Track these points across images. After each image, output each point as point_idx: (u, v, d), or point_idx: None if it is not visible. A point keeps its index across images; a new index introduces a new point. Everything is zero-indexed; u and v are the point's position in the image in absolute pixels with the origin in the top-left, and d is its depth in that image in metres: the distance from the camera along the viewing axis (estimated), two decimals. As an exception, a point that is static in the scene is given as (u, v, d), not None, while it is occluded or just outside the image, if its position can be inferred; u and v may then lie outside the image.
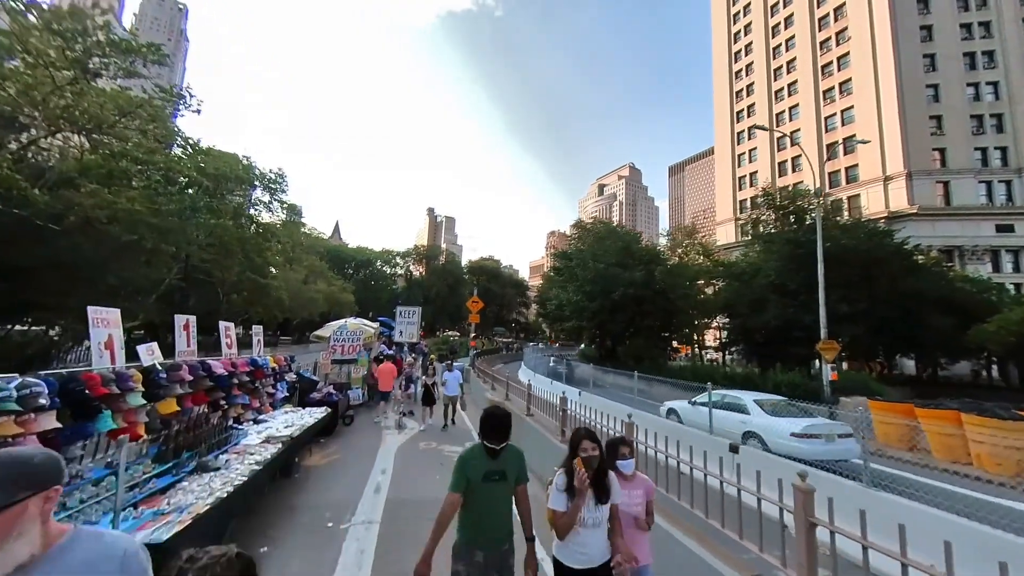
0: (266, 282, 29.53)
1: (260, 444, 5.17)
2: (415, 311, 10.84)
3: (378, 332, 16.18)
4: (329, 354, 12.42)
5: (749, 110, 60.29)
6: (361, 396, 12.65)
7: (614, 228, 28.94)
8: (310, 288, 46.85)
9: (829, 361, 13.47)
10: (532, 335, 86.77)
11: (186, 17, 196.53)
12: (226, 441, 4.96)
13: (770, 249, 20.88)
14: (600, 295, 20.80)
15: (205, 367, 5.10)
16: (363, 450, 8.32)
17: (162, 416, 4.21)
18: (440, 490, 2.85)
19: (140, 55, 12.56)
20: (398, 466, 7.34)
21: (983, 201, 41.75)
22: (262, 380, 7.07)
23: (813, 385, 14.34)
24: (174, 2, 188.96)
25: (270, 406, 7.48)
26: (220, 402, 5.46)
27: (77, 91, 11.41)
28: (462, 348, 42.85)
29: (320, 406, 8.61)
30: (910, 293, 18.53)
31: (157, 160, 16.25)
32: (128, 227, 11.78)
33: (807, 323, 18.82)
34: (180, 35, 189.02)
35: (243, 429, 5.72)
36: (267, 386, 7.37)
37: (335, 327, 13.09)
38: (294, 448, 5.95)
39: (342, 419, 10.62)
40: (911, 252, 19.94)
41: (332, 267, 59.04)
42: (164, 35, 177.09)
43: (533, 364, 22.74)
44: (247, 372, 6.40)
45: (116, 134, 14.22)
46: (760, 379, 15.84)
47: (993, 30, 42.58)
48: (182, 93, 14.57)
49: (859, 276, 18.19)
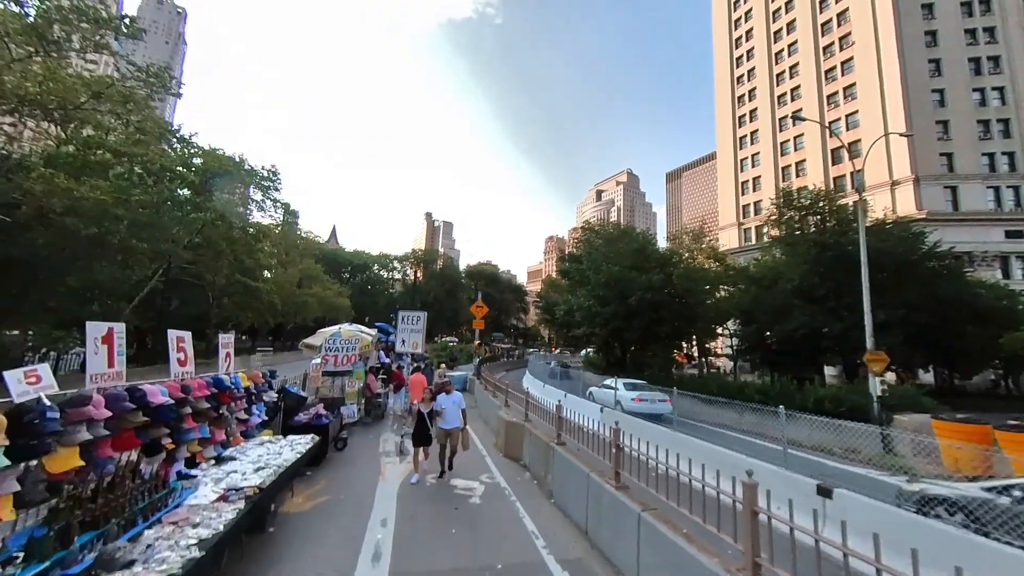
0: (257, 285, 27.85)
1: (214, 502, 3.68)
2: (419, 316, 9.13)
3: (376, 339, 14.66)
4: (320, 365, 10.88)
5: (751, 115, 60.07)
6: (355, 413, 11.10)
7: (627, 229, 27.63)
8: (304, 292, 45.20)
9: (878, 374, 12.14)
10: (531, 341, 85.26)
11: (185, 21, 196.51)
12: (163, 503, 3.47)
13: (793, 252, 19.68)
14: (615, 299, 19.41)
15: (136, 395, 3.63)
16: (358, 487, 6.80)
17: (51, 477, 2.75)
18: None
19: (111, 28, 11.17)
20: (402, 513, 5.83)
21: (991, 207, 41.34)
22: (230, 404, 5.57)
23: (856, 399, 12.98)
24: (173, 5, 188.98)
25: (241, 436, 5.96)
26: (162, 442, 3.97)
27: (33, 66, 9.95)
28: (462, 355, 41.22)
29: (306, 432, 7.09)
30: (945, 299, 17.36)
31: (139, 152, 14.79)
32: (91, 220, 10.24)
33: (836, 332, 17.59)
34: (178, 38, 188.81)
35: (195, 477, 4.23)
36: (238, 411, 5.86)
37: (327, 334, 11.56)
38: (268, 497, 4.46)
39: (334, 443, 9.08)
40: (945, 256, 18.84)
41: (328, 271, 57.57)
42: (162, 38, 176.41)
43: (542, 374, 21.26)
44: (208, 396, 4.91)
45: (86, 118, 12.73)
46: (797, 392, 14.45)
47: (998, 35, 42.48)
48: (160, 74, 13.16)
49: (892, 281, 17.02)
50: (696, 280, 21.27)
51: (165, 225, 13.61)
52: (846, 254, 17.37)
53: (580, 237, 30.27)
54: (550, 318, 33.50)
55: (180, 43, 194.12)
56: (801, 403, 12.74)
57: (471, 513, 5.99)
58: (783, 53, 56.30)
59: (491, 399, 13.25)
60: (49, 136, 14.83)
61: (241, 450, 5.45)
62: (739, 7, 62.49)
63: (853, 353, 18.16)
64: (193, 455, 4.69)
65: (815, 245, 18.66)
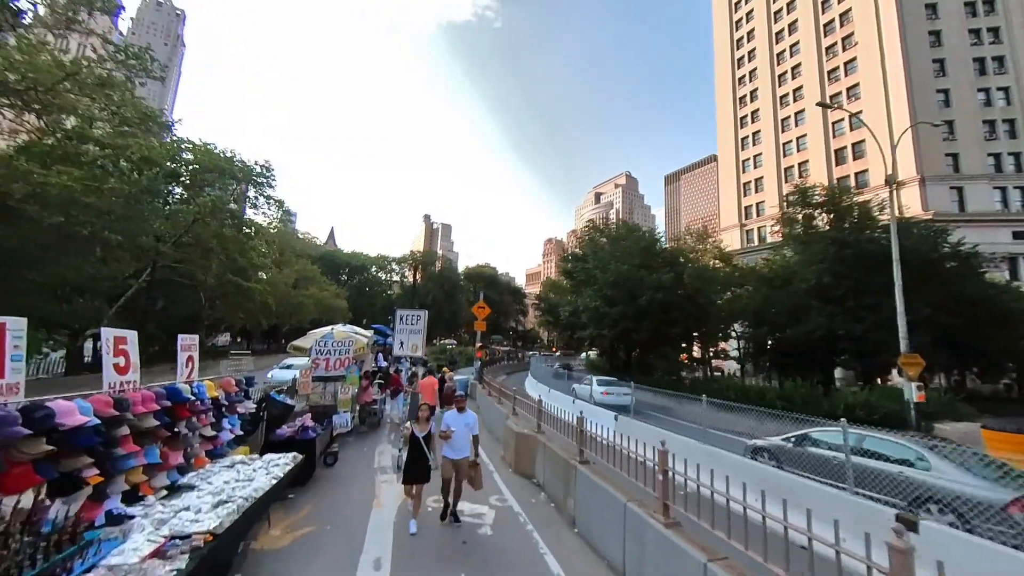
0: (249, 285, 26.75)
1: (145, 560, 2.72)
2: (420, 316, 8.11)
3: (372, 342, 13.68)
4: (310, 370, 9.89)
5: (753, 115, 59.79)
6: (349, 422, 10.11)
7: (634, 227, 26.79)
8: (300, 293, 44.09)
9: (913, 378, 11.25)
10: (530, 343, 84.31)
11: (183, 23, 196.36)
12: (67, 567, 2.50)
13: (810, 250, 18.85)
14: (623, 300, 18.48)
15: (37, 416, 2.66)
16: (348, 515, 5.80)
17: None
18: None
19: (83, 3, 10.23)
20: (400, 550, 4.85)
21: (998, 207, 40.95)
22: (190, 420, 4.59)
23: (891, 406, 12.08)
24: (172, 7, 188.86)
25: (208, 456, 4.98)
26: (83, 475, 2.99)
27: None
28: (461, 358, 40.16)
29: (288, 448, 6.10)
30: (969, 299, 16.56)
31: (124, 145, 13.79)
32: (56, 208, 9.26)
33: (857, 334, 16.75)
34: (177, 40, 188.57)
35: (133, 519, 3.24)
36: (201, 427, 4.88)
37: (318, 336, 10.58)
38: (228, 543, 3.49)
39: (323, 458, 8.09)
40: (969, 255, 18.06)
41: (326, 273, 56.59)
42: (161, 40, 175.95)
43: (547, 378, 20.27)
44: (159, 412, 3.94)
45: (65, 103, 11.75)
46: (824, 398, 13.54)
47: (1002, 36, 42.24)
48: (140, 55, 12.21)
49: (916, 280, 16.20)
50: (707, 280, 20.39)
51: (144, 218, 12.59)
52: (866, 251, 16.56)
53: (585, 235, 29.36)
54: (553, 320, 32.55)
55: (179, 44, 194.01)
56: (829, 410, 11.83)
57: (482, 548, 5.02)
58: (785, 54, 56.06)
59: (496, 406, 12.27)
60: (31, 128, 13.85)
61: (204, 475, 4.46)
62: (740, 8, 62.38)
63: (872, 355, 17.32)
64: (136, 486, 3.71)
65: (832, 243, 17.84)
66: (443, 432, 5.44)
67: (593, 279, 20.23)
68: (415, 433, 5.45)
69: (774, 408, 10.22)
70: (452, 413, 5.69)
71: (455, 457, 5.47)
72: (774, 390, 14.63)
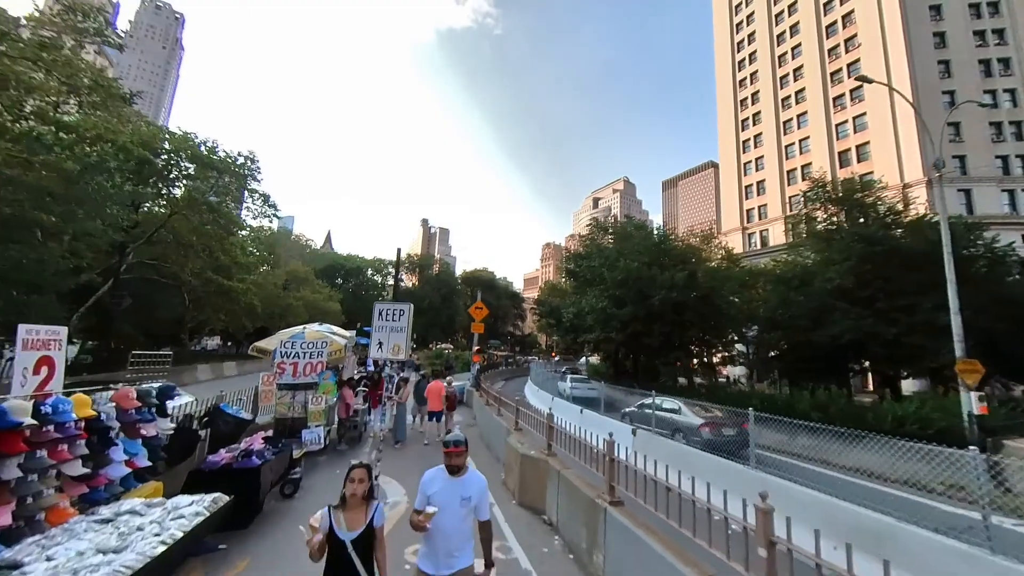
0: (231, 284, 25.04)
1: None
2: (402, 311, 6.54)
3: (353, 343, 12.08)
4: (274, 376, 8.29)
5: (754, 118, 59.31)
6: (322, 439, 8.50)
7: (642, 224, 25.35)
8: (290, 295, 42.32)
9: (971, 387, 9.82)
10: (528, 348, 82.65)
11: (182, 27, 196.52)
12: None
13: (833, 248, 17.53)
14: (633, 300, 17.01)
15: None
16: (302, 572, 4.20)
17: None
18: None
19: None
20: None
21: (1006, 210, 40.26)
22: (33, 454, 3.02)
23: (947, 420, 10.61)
24: (170, 11, 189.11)
25: (71, 506, 3.38)
26: None
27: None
28: (458, 363, 38.59)
29: (212, 485, 4.46)
30: (1010, 300, 15.25)
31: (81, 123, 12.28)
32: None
33: (889, 337, 15.37)
34: (175, 44, 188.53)
35: None
36: (62, 462, 3.30)
37: (286, 336, 8.99)
38: None
39: (280, 488, 6.46)
40: (1005, 253, 16.82)
41: (321, 276, 54.97)
42: (159, 44, 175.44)
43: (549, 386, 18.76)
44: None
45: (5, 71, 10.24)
46: (872, 413, 12.05)
47: (1007, 37, 41.88)
48: (90, 13, 10.71)
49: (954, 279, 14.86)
50: (722, 280, 18.99)
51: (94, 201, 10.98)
52: (898, 248, 15.24)
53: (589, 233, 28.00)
54: (554, 323, 31.03)
55: (177, 48, 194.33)
56: (877, 424, 10.37)
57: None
58: (787, 56, 55.72)
59: (495, 417, 10.68)
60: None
61: (50, 541, 2.88)
62: (741, 11, 62.25)
63: (908, 362, 15.93)
64: None
65: (859, 239, 16.51)
66: (416, 519, 2.61)
67: (599, 278, 18.78)
68: (335, 531, 2.57)
69: (808, 420, 8.77)
70: (438, 474, 2.83)
71: (444, 573, 2.64)
72: (806, 399, 13.19)
